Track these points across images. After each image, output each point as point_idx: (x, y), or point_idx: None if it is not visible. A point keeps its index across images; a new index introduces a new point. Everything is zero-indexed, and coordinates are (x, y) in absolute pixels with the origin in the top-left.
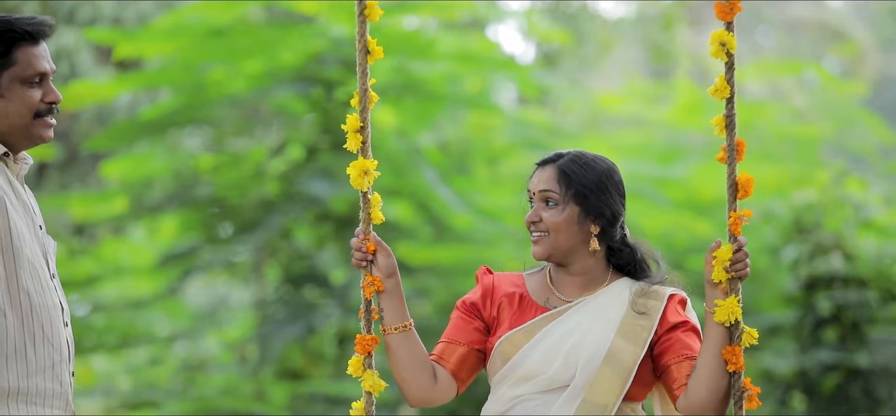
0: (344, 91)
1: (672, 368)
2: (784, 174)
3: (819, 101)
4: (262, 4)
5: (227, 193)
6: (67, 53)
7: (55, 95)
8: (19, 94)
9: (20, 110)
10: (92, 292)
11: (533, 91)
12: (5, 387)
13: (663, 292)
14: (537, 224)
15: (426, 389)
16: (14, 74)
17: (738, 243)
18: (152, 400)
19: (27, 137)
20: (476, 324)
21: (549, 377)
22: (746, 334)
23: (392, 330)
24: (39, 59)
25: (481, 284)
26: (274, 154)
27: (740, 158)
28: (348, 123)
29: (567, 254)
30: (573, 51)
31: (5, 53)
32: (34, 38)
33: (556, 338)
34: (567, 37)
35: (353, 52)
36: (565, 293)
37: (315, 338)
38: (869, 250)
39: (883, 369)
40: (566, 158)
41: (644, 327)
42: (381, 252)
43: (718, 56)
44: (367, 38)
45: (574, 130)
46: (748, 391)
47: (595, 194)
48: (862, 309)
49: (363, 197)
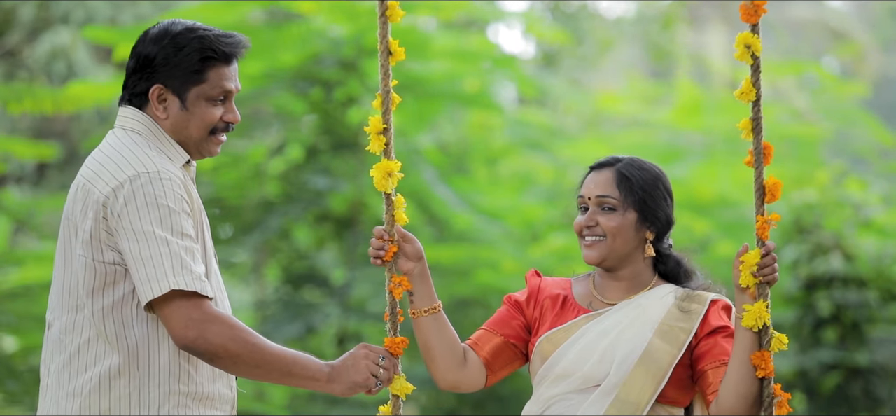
0: (343, 91)
1: (708, 373)
2: (784, 174)
3: (819, 101)
4: (262, 6)
5: (226, 194)
6: (64, 53)
7: (234, 115)
8: (202, 110)
9: (199, 125)
10: None
11: (532, 91)
12: (198, 391)
13: (706, 296)
14: (593, 228)
15: (455, 371)
16: (202, 91)
17: (766, 248)
18: None
19: (197, 150)
20: (517, 320)
21: (584, 374)
22: (776, 340)
23: (422, 312)
24: (227, 80)
25: (529, 285)
26: (274, 154)
27: (768, 161)
28: (371, 124)
29: (622, 259)
30: (573, 50)
31: (199, 71)
32: (228, 59)
33: (593, 336)
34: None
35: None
36: (608, 297)
37: (315, 338)
38: (869, 250)
39: (883, 368)
40: (624, 162)
41: (683, 328)
42: (406, 240)
43: (744, 59)
44: (389, 39)
45: (574, 130)
46: (778, 396)
47: (653, 199)
48: (862, 309)
49: (386, 199)
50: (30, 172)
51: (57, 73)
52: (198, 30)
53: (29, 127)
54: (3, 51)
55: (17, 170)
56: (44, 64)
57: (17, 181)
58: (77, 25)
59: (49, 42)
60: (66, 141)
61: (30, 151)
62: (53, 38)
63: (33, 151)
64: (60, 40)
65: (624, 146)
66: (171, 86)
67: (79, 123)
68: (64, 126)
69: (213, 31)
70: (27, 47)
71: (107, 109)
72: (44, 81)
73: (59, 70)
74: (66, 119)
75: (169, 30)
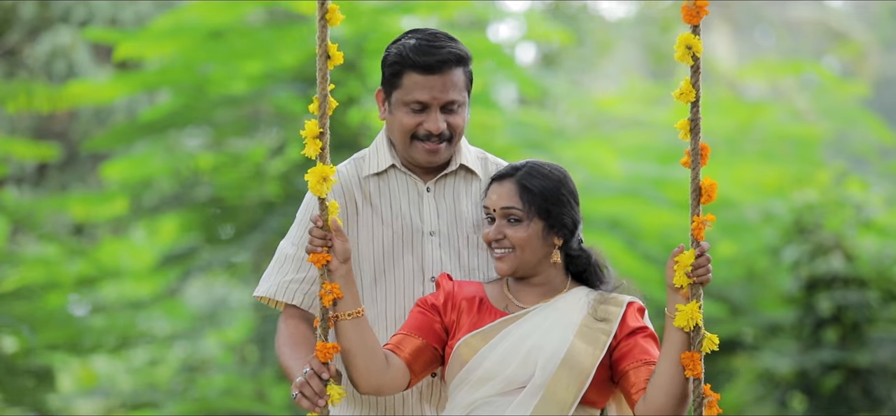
0: (343, 91)
1: (630, 373)
2: (784, 174)
3: (819, 101)
4: (262, 6)
5: (226, 194)
6: (64, 53)
7: (433, 125)
8: (400, 114)
9: (399, 129)
10: (91, 293)
11: (533, 91)
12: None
13: (622, 299)
14: (501, 241)
15: (378, 375)
16: (398, 97)
17: (701, 248)
18: (153, 401)
19: (407, 155)
20: (435, 323)
21: (507, 377)
22: (707, 340)
23: (345, 316)
24: (420, 89)
25: (443, 288)
26: (274, 154)
27: (704, 162)
28: (307, 129)
29: (532, 267)
30: (573, 51)
31: (393, 75)
32: (421, 68)
33: (514, 339)
34: (567, 37)
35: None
36: (524, 300)
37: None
38: (869, 251)
39: (883, 369)
40: (523, 172)
41: (603, 330)
42: (338, 238)
43: (684, 59)
44: (328, 43)
45: (574, 130)
46: (708, 397)
47: (556, 206)
48: (862, 309)
49: (321, 203)
50: (30, 173)
51: (57, 72)
52: None
53: (29, 127)
54: (4, 50)
55: (17, 171)
56: (44, 63)
57: (17, 182)
58: (77, 25)
59: (49, 42)
60: (66, 142)
61: (30, 152)
62: (53, 37)
63: (33, 151)
64: (60, 40)
65: (624, 147)
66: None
67: (79, 123)
68: (64, 127)
69: (414, 42)
70: (27, 47)
71: (106, 110)
72: (44, 81)
73: (58, 70)
74: (66, 120)
75: None
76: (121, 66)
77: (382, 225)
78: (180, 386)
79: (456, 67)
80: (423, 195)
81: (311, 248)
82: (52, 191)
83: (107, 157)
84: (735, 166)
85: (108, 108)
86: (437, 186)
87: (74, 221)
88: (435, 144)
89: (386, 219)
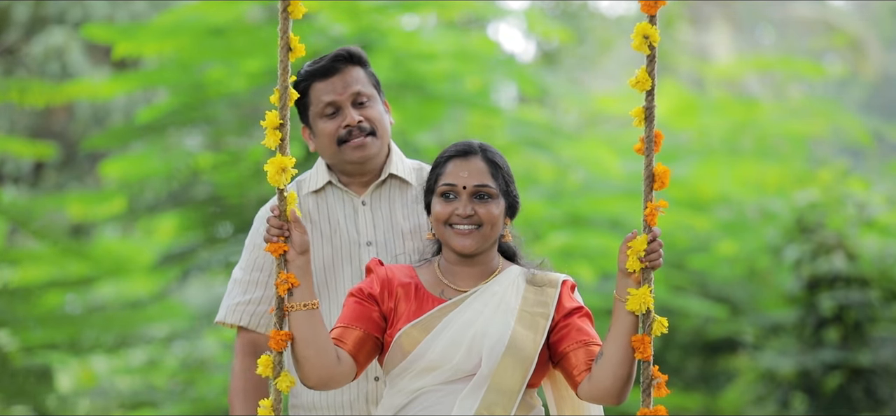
0: None
1: (570, 355)
2: (786, 174)
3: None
4: (262, 4)
5: (226, 193)
6: (58, 53)
7: (349, 118)
8: (320, 128)
9: (325, 141)
10: (89, 292)
11: (533, 90)
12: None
13: (556, 278)
14: (471, 218)
15: (329, 368)
16: (313, 113)
17: (653, 234)
18: (151, 400)
19: (341, 166)
20: (373, 312)
21: (454, 366)
22: (657, 323)
23: (300, 307)
24: (325, 93)
25: (377, 275)
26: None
27: (657, 149)
28: (268, 120)
29: (489, 246)
30: (573, 49)
31: (303, 97)
32: (320, 75)
33: (457, 328)
34: (567, 35)
35: None
36: (459, 284)
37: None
38: (871, 250)
39: (885, 369)
40: (488, 149)
41: (542, 314)
42: (297, 228)
43: (641, 49)
44: (290, 35)
45: (574, 129)
46: (657, 379)
47: (512, 185)
48: (864, 309)
49: (279, 194)
50: (27, 172)
51: (50, 73)
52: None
53: (26, 127)
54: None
55: (14, 170)
56: (39, 64)
57: (15, 181)
58: (73, 25)
59: (43, 43)
60: (63, 141)
61: (27, 151)
62: (47, 38)
63: (31, 150)
64: (54, 40)
65: (624, 146)
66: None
67: (77, 123)
68: (62, 126)
69: (310, 63)
70: (24, 46)
71: (104, 110)
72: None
73: (52, 70)
74: (63, 119)
75: None
76: (118, 65)
77: (322, 239)
78: (179, 386)
79: (351, 65)
80: (359, 209)
81: (268, 237)
82: (49, 191)
83: (105, 155)
84: (734, 164)
85: (106, 107)
86: (372, 198)
87: (72, 220)
88: (359, 138)
89: (325, 233)
